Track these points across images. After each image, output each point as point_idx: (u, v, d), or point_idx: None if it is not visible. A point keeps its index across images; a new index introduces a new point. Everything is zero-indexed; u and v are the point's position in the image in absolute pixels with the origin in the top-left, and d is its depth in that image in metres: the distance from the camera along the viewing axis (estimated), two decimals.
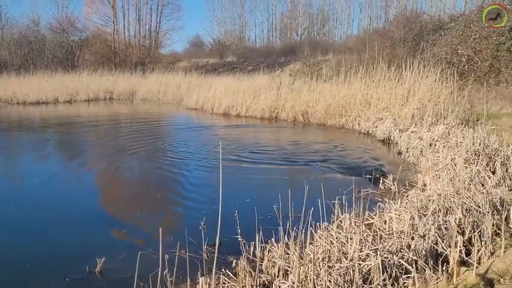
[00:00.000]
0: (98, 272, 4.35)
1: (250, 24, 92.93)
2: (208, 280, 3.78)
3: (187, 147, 11.45)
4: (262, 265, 4.22)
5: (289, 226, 4.42)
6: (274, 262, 4.16)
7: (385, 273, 3.71)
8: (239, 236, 4.63)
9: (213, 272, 3.58)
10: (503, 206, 5.36)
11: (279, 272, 4.04)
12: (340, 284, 3.61)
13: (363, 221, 4.84)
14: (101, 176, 8.96)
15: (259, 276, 4.03)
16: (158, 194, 7.29)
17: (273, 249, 4.41)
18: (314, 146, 11.99)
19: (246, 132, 15.23)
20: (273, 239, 4.54)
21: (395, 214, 4.96)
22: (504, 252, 4.04)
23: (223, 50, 53.02)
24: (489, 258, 4.03)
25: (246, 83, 23.13)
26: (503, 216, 4.98)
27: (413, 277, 3.60)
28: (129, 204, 6.86)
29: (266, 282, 4.00)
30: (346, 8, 58.27)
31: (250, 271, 4.01)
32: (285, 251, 4.31)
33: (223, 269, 4.10)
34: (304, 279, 3.70)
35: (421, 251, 4.10)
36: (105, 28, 45.73)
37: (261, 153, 10.71)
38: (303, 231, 4.33)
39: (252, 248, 4.52)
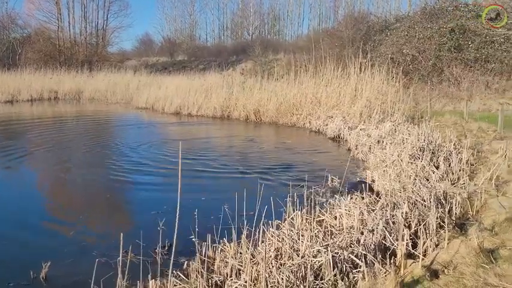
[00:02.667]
0: (43, 277, 4.14)
1: (201, 23, 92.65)
2: (159, 283, 3.69)
3: (137, 149, 11.17)
4: (214, 265, 4.17)
5: (241, 225, 4.38)
6: (226, 262, 4.11)
7: (336, 268, 3.76)
8: (192, 237, 4.55)
9: (170, 275, 3.50)
10: (446, 200, 5.58)
11: (231, 271, 3.99)
12: (292, 281, 3.62)
13: (314, 218, 4.88)
14: (45, 178, 8.57)
15: (211, 277, 3.97)
16: (106, 198, 7.06)
17: (225, 248, 4.37)
18: (266, 145, 12.03)
19: (198, 131, 15.07)
20: (225, 239, 4.49)
21: (345, 210, 5.04)
22: (448, 244, 4.20)
23: (174, 49, 52.28)
24: (434, 250, 4.17)
25: (197, 82, 22.95)
26: (447, 209, 5.19)
27: (363, 271, 3.66)
28: (75, 207, 6.59)
29: (218, 282, 3.95)
30: (297, 8, 59.10)
31: (202, 272, 3.95)
32: (237, 250, 4.27)
33: (175, 271, 4.01)
34: (257, 277, 3.68)
35: (370, 245, 4.18)
36: (48, 25, 44.05)
37: (213, 154, 10.63)
38: (256, 229, 4.31)
39: (204, 249, 4.45)
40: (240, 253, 4.18)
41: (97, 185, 7.87)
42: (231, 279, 3.84)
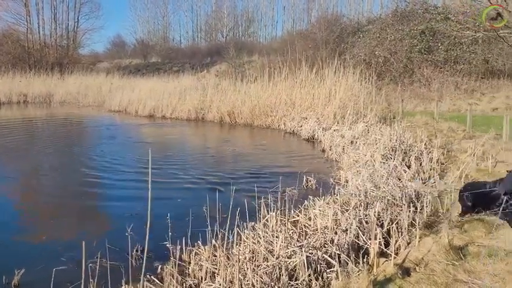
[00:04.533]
0: (15, 284, 4.03)
1: (175, 25, 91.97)
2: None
3: (110, 152, 10.98)
4: (189, 269, 4.13)
5: (216, 228, 4.36)
6: (201, 265, 4.08)
7: (310, 268, 3.77)
8: (166, 241, 4.50)
9: (142, 279, 3.43)
10: (418, 198, 5.68)
11: (206, 274, 3.97)
12: (266, 283, 3.62)
13: (288, 219, 4.89)
14: (15, 183, 8.33)
15: (186, 280, 3.94)
16: (78, 202, 6.91)
17: (200, 252, 4.33)
18: (240, 147, 12.02)
19: (171, 134, 14.93)
20: (200, 242, 4.46)
21: (320, 210, 5.07)
22: (419, 242, 4.27)
23: (147, 51, 51.70)
24: (406, 248, 4.24)
25: (171, 84, 22.79)
26: (418, 208, 5.29)
27: (337, 271, 3.69)
28: (47, 212, 6.43)
29: (193, 285, 3.92)
30: (270, 10, 59.34)
31: (176, 275, 3.91)
32: (212, 253, 4.25)
33: (148, 275, 3.96)
34: (231, 280, 3.67)
35: (344, 245, 4.22)
36: (17, 27, 42.80)
37: (186, 156, 10.56)
38: (230, 232, 4.29)
39: (178, 252, 4.41)
40: (215, 256, 4.16)
41: (68, 189, 7.71)
42: (206, 282, 3.81)
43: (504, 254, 3.88)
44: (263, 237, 4.42)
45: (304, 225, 4.96)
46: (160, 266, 4.18)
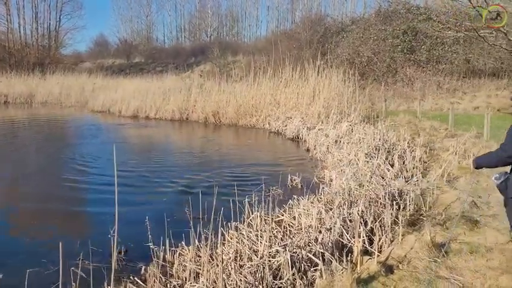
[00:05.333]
0: None
1: (158, 24, 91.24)
2: None
3: (92, 153, 10.84)
4: (173, 269, 4.10)
5: (200, 228, 4.33)
6: (185, 265, 4.05)
7: (294, 267, 3.77)
8: (149, 242, 4.45)
9: (123, 281, 3.40)
10: (401, 196, 5.73)
11: (190, 275, 3.94)
12: (250, 282, 3.60)
13: (272, 219, 4.89)
14: None
15: (170, 281, 3.90)
16: (59, 204, 6.79)
17: (183, 252, 4.30)
18: (225, 147, 11.99)
19: (155, 134, 14.83)
20: (183, 243, 4.43)
21: (304, 210, 5.07)
22: (402, 239, 4.31)
23: (130, 51, 51.23)
24: (389, 246, 4.27)
25: (155, 84, 22.59)
26: (401, 206, 5.33)
27: (321, 269, 3.70)
28: (28, 214, 6.32)
29: (177, 286, 3.89)
30: (254, 10, 59.29)
31: (160, 276, 3.87)
32: (196, 253, 4.22)
33: (131, 277, 3.92)
34: (215, 280, 3.65)
35: (328, 243, 4.23)
36: None
37: (170, 156, 10.49)
38: (214, 232, 4.27)
39: (162, 253, 4.37)
40: (199, 256, 4.13)
41: (50, 191, 7.58)
42: (190, 283, 3.78)
43: (485, 251, 3.93)
44: (247, 237, 4.41)
45: (288, 224, 4.96)
46: (143, 267, 4.14)
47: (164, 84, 21.82)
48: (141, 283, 3.88)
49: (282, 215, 5.15)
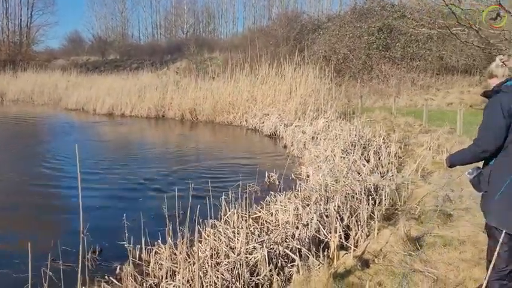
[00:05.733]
0: None
1: (133, 21, 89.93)
2: None
3: (65, 152, 10.61)
4: (149, 268, 4.05)
5: (176, 226, 4.28)
6: (161, 264, 4.01)
7: (271, 264, 3.77)
8: (125, 241, 4.38)
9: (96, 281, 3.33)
10: (376, 191, 5.80)
11: (166, 273, 3.89)
12: (227, 279, 3.59)
13: (249, 215, 4.88)
14: None
15: (146, 280, 3.85)
16: (31, 204, 6.63)
17: (160, 251, 4.25)
18: (202, 144, 11.93)
19: (130, 132, 14.64)
20: (159, 241, 4.37)
21: (281, 206, 5.08)
22: (378, 234, 4.36)
23: (105, 47, 50.29)
24: (365, 241, 4.31)
25: (130, 81, 22.25)
26: (377, 201, 5.39)
27: (297, 265, 3.70)
28: None
29: (153, 285, 3.84)
30: (231, 6, 59.06)
31: (135, 275, 3.82)
32: (172, 251, 4.17)
33: (106, 276, 3.85)
34: (192, 278, 3.62)
35: (305, 239, 4.24)
36: None
37: (146, 154, 10.37)
38: (191, 230, 4.23)
39: (138, 252, 4.31)
40: (175, 254, 4.09)
41: (21, 190, 7.39)
42: (166, 281, 3.74)
43: (458, 243, 4.01)
44: (224, 234, 4.38)
45: (265, 220, 4.96)
46: (119, 267, 4.07)
47: (140, 82, 21.53)
48: (116, 282, 3.82)
49: (259, 212, 5.15)
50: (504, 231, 2.88)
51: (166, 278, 3.83)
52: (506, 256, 2.98)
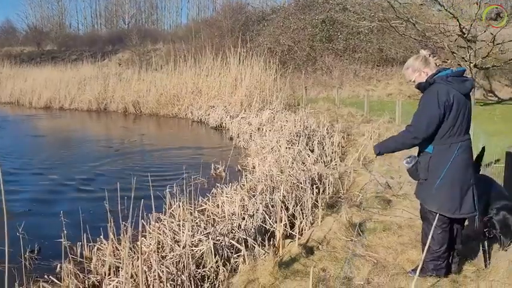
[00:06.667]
0: None
1: (71, 10, 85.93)
2: None
3: None
4: (91, 265, 3.92)
5: (119, 222, 4.15)
6: (103, 260, 3.88)
7: (217, 255, 3.76)
8: (64, 238, 4.20)
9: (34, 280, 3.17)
10: (320, 180, 5.91)
11: (109, 270, 3.78)
12: (173, 273, 3.53)
13: (195, 208, 4.82)
14: None
15: (88, 277, 3.73)
16: None
17: (102, 247, 4.11)
18: (145, 137, 11.67)
19: (69, 125, 14.08)
20: (102, 237, 4.23)
21: (227, 197, 5.07)
22: (321, 221, 4.45)
23: (41, 38, 47.84)
24: (310, 229, 4.39)
25: (69, 73, 21.37)
26: (321, 190, 5.51)
27: (243, 255, 3.71)
28: None
29: (96, 282, 3.72)
30: None
31: (77, 273, 3.68)
32: (116, 247, 4.06)
33: (46, 276, 3.68)
34: (136, 273, 3.53)
35: (251, 229, 4.26)
36: None
37: (86, 148, 10.01)
38: (135, 224, 4.12)
39: (79, 249, 4.16)
40: (118, 250, 3.98)
41: None
42: (109, 278, 3.64)
43: (396, 228, 4.17)
44: (169, 227, 4.31)
45: (212, 212, 4.93)
46: (59, 265, 3.90)
47: (79, 73, 20.73)
48: (56, 281, 3.67)
49: (206, 204, 5.11)
50: (437, 214, 3.03)
51: (109, 275, 3.72)
52: (439, 238, 3.14)
